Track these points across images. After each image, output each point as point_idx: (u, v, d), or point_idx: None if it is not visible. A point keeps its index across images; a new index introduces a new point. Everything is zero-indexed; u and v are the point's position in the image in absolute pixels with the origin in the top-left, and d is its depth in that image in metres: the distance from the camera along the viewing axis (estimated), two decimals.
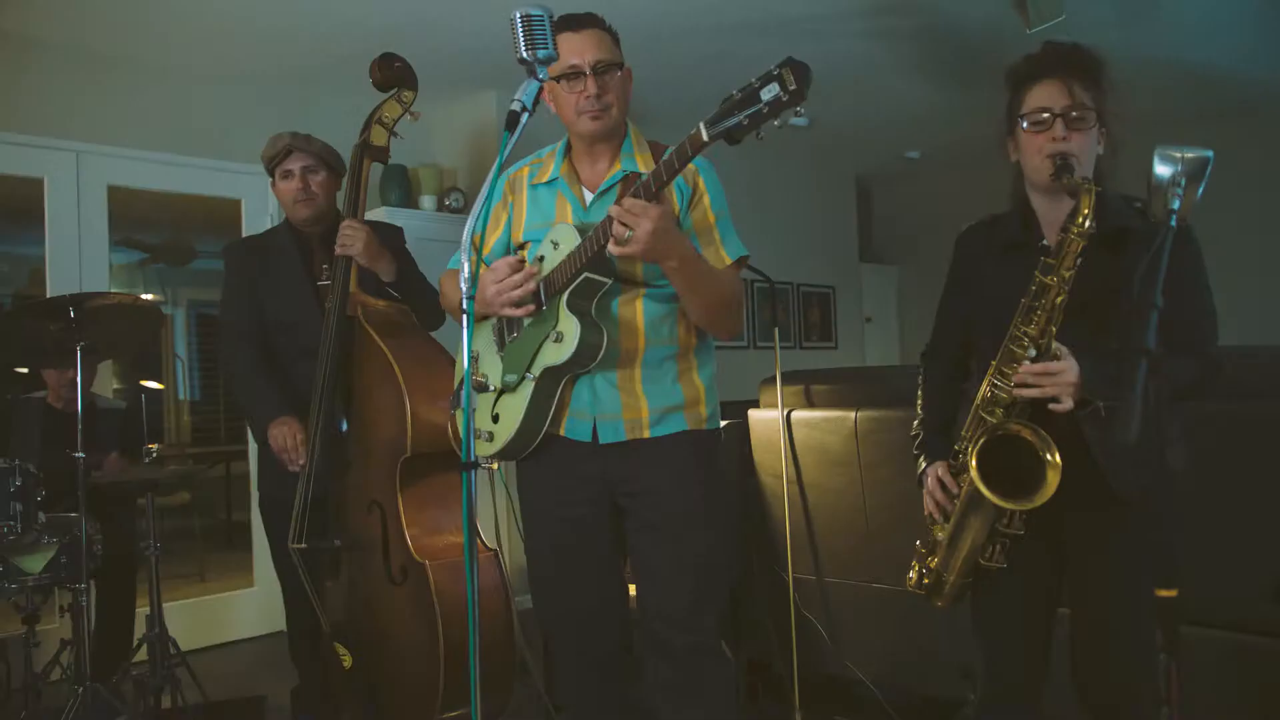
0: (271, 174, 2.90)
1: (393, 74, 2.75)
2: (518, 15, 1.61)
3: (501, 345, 2.05)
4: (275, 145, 2.87)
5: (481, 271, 1.97)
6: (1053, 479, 1.67)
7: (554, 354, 1.90)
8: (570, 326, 1.87)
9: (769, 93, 1.53)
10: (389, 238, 2.86)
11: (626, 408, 1.97)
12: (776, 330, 3.42)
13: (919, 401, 2.08)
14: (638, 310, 1.97)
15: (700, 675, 1.97)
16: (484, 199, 1.63)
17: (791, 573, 3.06)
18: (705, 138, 1.63)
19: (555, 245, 1.94)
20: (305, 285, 2.84)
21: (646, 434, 1.98)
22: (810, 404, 3.14)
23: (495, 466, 2.06)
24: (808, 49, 4.84)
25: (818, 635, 3.06)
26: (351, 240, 2.66)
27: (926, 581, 1.94)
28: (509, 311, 1.95)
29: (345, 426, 2.75)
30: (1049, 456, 1.69)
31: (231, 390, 3.00)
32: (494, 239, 2.14)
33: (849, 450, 2.94)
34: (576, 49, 1.93)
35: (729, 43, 4.45)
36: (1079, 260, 1.70)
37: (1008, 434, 1.75)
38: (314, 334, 2.73)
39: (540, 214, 2.05)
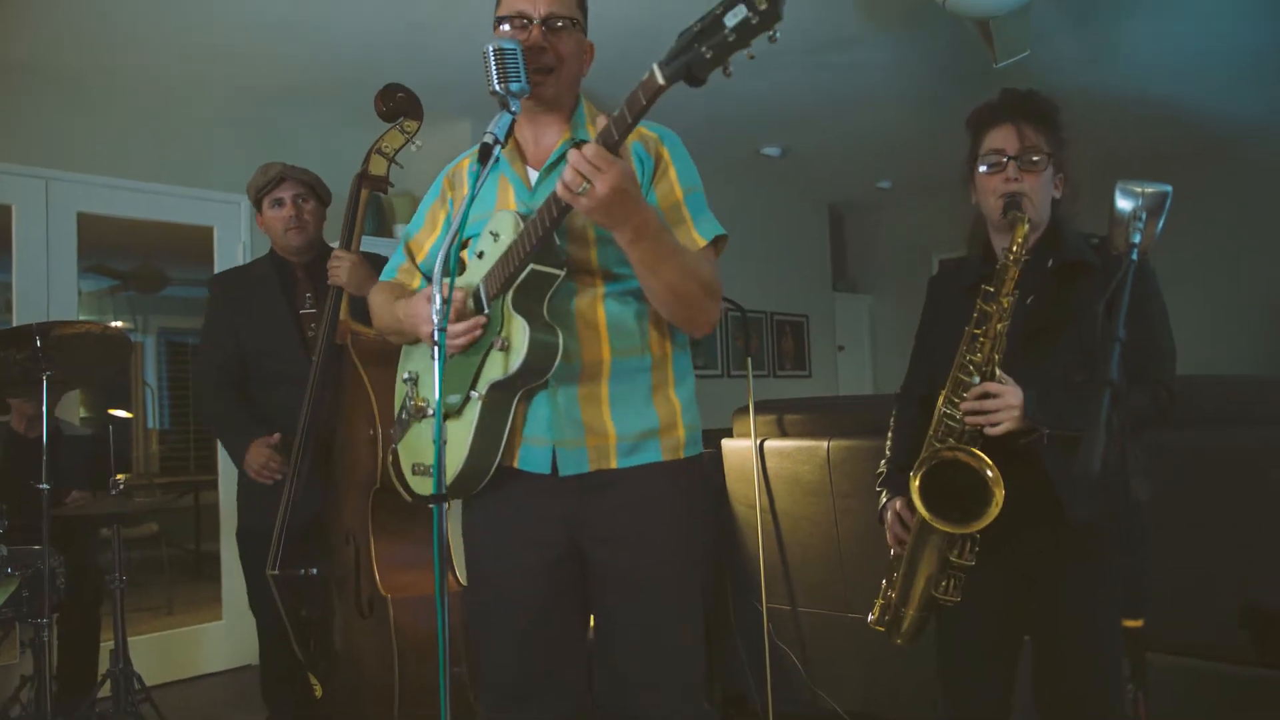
0: (259, 204, 2.92)
1: (396, 105, 2.77)
2: (490, 49, 1.59)
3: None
4: (267, 174, 2.89)
5: (416, 295, 1.77)
6: (998, 496, 1.69)
7: (501, 365, 1.62)
8: (518, 331, 1.60)
9: (735, 16, 1.29)
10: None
11: (591, 432, 1.68)
12: (749, 360, 3.44)
13: (888, 441, 2.10)
14: (598, 311, 1.70)
15: None
16: (455, 230, 1.54)
17: (765, 602, 3.06)
18: (661, 80, 1.37)
19: (495, 237, 1.68)
20: (284, 313, 2.88)
21: (614, 464, 1.69)
22: (783, 433, 3.15)
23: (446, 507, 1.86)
24: (780, 80, 4.94)
25: (792, 665, 3.06)
26: (337, 269, 2.68)
27: (887, 618, 1.95)
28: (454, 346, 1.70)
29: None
30: (989, 473, 1.71)
31: (205, 420, 3.02)
32: (429, 243, 1.89)
33: (822, 480, 2.95)
34: None
35: None
36: (1017, 289, 1.76)
37: (947, 460, 1.77)
38: (291, 361, 2.78)
39: (481, 204, 1.76)
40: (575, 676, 1.77)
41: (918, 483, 1.76)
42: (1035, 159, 1.85)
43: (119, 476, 3.44)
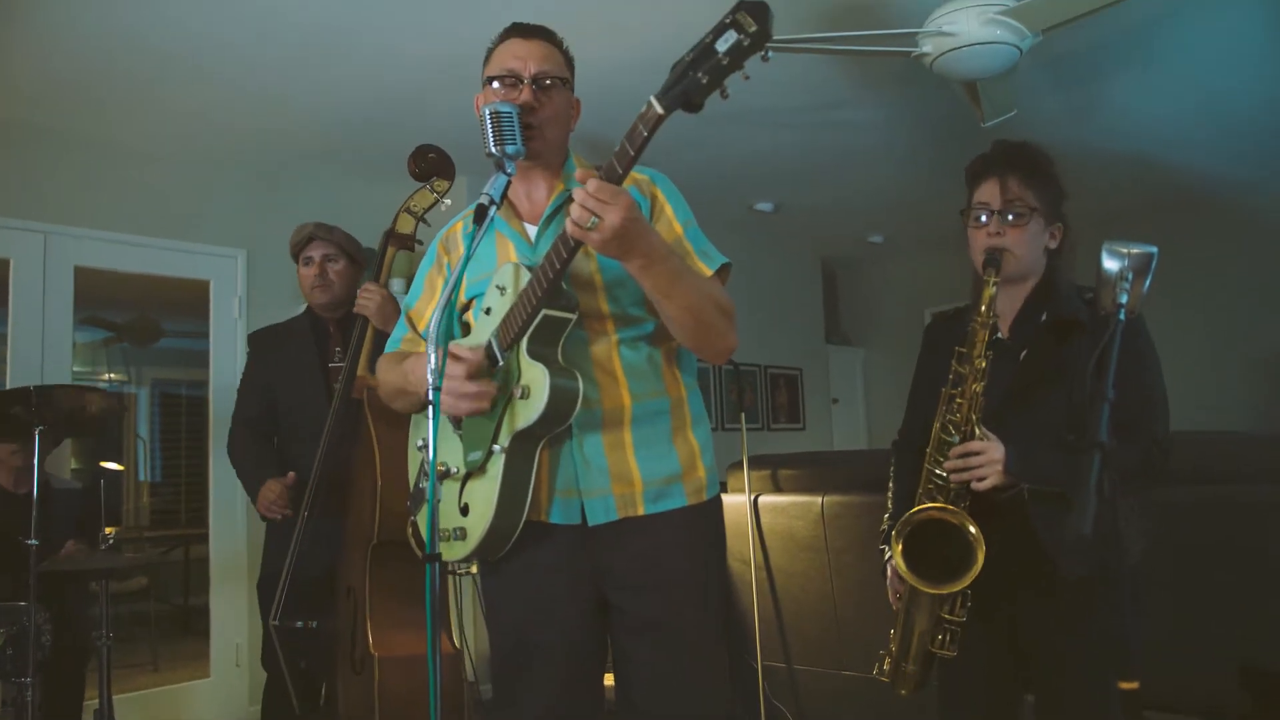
0: (296, 260, 3.06)
1: (428, 165, 2.85)
2: (487, 111, 1.63)
3: (458, 423, 1.75)
4: (299, 234, 3.04)
5: (423, 354, 1.75)
6: (979, 555, 1.69)
7: (523, 414, 1.61)
8: (537, 377, 1.59)
9: (726, 42, 1.32)
10: None
11: (617, 479, 1.68)
12: (743, 415, 3.45)
13: (889, 494, 2.10)
14: (614, 358, 1.71)
15: None
16: (452, 286, 1.58)
17: (760, 659, 3.03)
18: (660, 110, 1.39)
19: (502, 291, 1.69)
20: (315, 368, 2.98)
21: (641, 510, 1.69)
22: (777, 489, 3.14)
23: (473, 570, 1.78)
24: (774, 137, 5.01)
25: None
26: (368, 300, 2.78)
27: (888, 668, 1.94)
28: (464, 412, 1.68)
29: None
30: (971, 531, 1.71)
31: (233, 465, 3.12)
32: (429, 311, 1.88)
33: (816, 535, 2.93)
34: (520, 54, 1.74)
35: (695, 132, 4.56)
36: (989, 351, 1.78)
37: (927, 519, 1.77)
38: (318, 412, 2.84)
39: (480, 264, 1.78)
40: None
41: (900, 546, 1.76)
42: (1020, 212, 1.85)
43: (108, 530, 3.42)
